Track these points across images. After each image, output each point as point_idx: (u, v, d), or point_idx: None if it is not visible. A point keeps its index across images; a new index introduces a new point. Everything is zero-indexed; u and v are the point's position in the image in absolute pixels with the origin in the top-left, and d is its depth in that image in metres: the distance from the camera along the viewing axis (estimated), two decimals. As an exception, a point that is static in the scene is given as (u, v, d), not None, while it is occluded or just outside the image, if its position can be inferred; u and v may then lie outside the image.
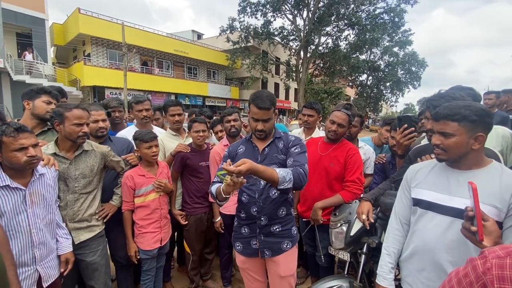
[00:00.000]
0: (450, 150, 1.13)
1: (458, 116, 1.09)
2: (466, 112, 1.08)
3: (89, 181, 1.79)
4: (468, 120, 1.08)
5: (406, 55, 29.98)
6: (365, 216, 1.68)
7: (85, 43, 18.37)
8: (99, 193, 1.88)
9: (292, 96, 32.41)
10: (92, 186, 1.81)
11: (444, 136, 1.13)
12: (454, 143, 1.11)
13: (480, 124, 1.08)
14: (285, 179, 1.38)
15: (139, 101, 2.50)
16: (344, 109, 2.06)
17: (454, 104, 1.13)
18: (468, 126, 1.08)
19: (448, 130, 1.11)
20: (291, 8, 22.16)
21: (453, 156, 1.14)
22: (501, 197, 1.05)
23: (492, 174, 1.11)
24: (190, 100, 22.93)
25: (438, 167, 1.25)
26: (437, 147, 1.17)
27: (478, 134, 1.08)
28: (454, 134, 1.10)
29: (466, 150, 1.11)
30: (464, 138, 1.09)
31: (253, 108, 1.55)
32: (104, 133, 2.08)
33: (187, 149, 2.33)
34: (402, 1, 21.17)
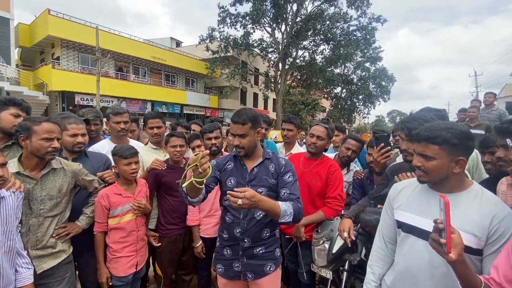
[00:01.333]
0: (431, 172, 1.11)
1: (439, 139, 1.07)
2: (447, 135, 1.06)
3: (57, 203, 1.63)
4: (449, 144, 1.06)
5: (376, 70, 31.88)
6: (347, 233, 1.71)
7: (54, 46, 17.36)
8: (66, 215, 1.72)
9: (270, 106, 32.89)
10: (59, 208, 1.65)
11: (425, 158, 1.11)
12: (434, 166, 1.09)
13: (461, 147, 1.07)
14: (286, 213, 1.37)
15: (118, 113, 2.36)
16: (322, 123, 2.18)
17: (436, 125, 1.11)
18: (449, 149, 1.06)
19: (429, 153, 1.09)
20: (270, 22, 22.77)
21: (434, 179, 1.13)
22: (481, 224, 1.04)
23: (472, 199, 1.10)
24: (168, 108, 22.38)
25: (419, 188, 1.24)
26: (418, 168, 1.15)
27: (459, 158, 1.07)
28: (435, 157, 1.08)
29: (447, 174, 1.09)
30: (445, 162, 1.07)
31: (231, 124, 1.57)
32: (81, 149, 1.93)
33: (163, 166, 2.19)
34: (373, 20, 22.66)
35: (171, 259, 2.26)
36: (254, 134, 1.57)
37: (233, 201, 1.22)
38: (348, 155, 2.47)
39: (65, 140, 1.86)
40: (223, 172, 1.63)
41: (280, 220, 1.37)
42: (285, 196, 1.50)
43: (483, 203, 1.08)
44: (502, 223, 1.02)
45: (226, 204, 1.59)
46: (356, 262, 1.74)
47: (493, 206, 1.06)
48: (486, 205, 1.07)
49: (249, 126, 1.53)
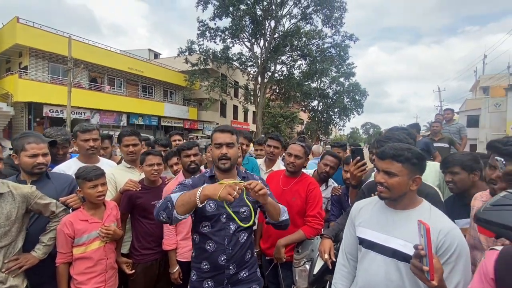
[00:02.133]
0: (393, 189, 1.20)
1: (402, 158, 1.19)
2: (409, 155, 1.18)
3: (5, 232, 1.45)
4: (410, 163, 1.18)
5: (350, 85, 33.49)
6: (327, 255, 1.69)
7: (22, 55, 16.42)
8: (19, 244, 1.54)
9: (250, 118, 33.13)
10: (9, 238, 1.47)
11: (388, 175, 1.21)
12: (397, 183, 1.19)
13: (419, 167, 1.20)
14: (284, 209, 1.45)
15: (87, 130, 2.19)
16: (298, 142, 2.20)
17: (398, 145, 1.24)
18: (409, 168, 1.18)
19: (393, 170, 1.19)
20: (249, 37, 23.30)
21: (394, 195, 1.22)
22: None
23: (422, 215, 1.19)
24: (144, 120, 21.73)
25: (378, 206, 1.34)
26: (380, 185, 1.24)
27: (416, 176, 1.20)
28: (398, 174, 1.19)
29: (405, 191, 1.21)
30: (405, 179, 1.19)
31: (216, 135, 1.52)
32: (42, 170, 1.75)
33: (137, 187, 2.06)
34: (346, 38, 24.02)
35: (145, 287, 2.11)
36: (238, 148, 1.57)
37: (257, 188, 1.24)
38: (326, 171, 2.52)
39: (24, 162, 1.69)
40: None
41: (281, 217, 1.43)
42: None
43: (431, 219, 1.17)
44: (447, 237, 1.11)
45: (206, 231, 1.48)
46: (337, 283, 1.72)
47: (440, 222, 1.16)
48: (435, 221, 1.16)
49: (235, 138, 1.54)
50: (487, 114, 19.85)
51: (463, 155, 1.80)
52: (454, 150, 4.60)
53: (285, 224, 1.52)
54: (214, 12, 21.84)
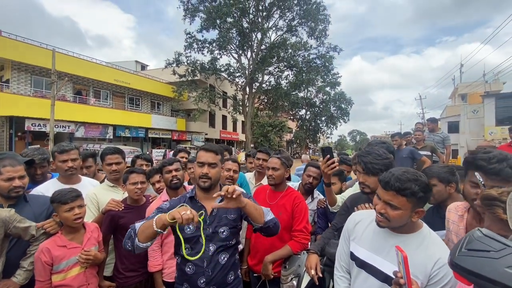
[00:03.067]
0: (393, 220, 1.14)
1: (408, 191, 1.09)
2: (416, 188, 1.09)
3: None
4: (416, 197, 1.10)
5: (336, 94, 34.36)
6: (314, 270, 1.70)
7: (4, 68, 15.99)
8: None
9: (239, 128, 33.20)
10: None
11: (390, 206, 1.13)
12: (398, 216, 1.12)
13: (423, 200, 1.12)
14: (268, 212, 1.40)
15: (64, 150, 2.11)
16: (274, 155, 2.26)
17: (405, 177, 1.12)
18: (414, 201, 1.11)
19: (396, 203, 1.11)
20: (236, 48, 23.67)
21: (393, 226, 1.18)
22: (425, 268, 1.09)
23: (420, 241, 1.16)
24: (131, 132, 21.37)
25: (374, 224, 1.28)
26: (380, 215, 1.17)
27: (419, 209, 1.13)
28: (401, 208, 1.11)
29: (406, 222, 1.15)
30: (408, 212, 1.12)
31: (200, 153, 1.53)
32: (19, 193, 1.70)
33: (120, 207, 2.02)
34: (330, 49, 24.79)
35: None
36: (220, 168, 1.57)
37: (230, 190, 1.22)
38: (310, 182, 2.54)
39: (0, 185, 1.64)
40: None
41: (266, 218, 1.38)
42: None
43: (429, 246, 1.14)
44: (443, 268, 1.07)
45: (187, 253, 1.45)
46: (324, 298, 1.73)
47: (438, 251, 1.12)
48: (432, 248, 1.13)
49: (219, 158, 1.54)
50: (466, 120, 20.72)
51: (440, 168, 1.85)
52: (436, 158, 4.76)
53: (273, 224, 1.42)
54: (202, 25, 22.16)
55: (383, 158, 1.66)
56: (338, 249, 1.48)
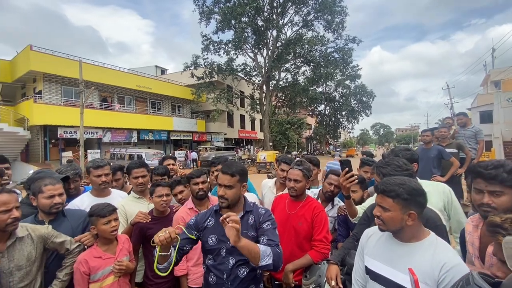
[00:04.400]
0: (387, 222, 1.23)
1: (392, 193, 1.21)
2: (400, 190, 1.19)
3: (27, 272, 1.56)
4: (401, 198, 1.19)
5: (356, 87, 33.40)
6: (334, 282, 1.71)
7: (36, 80, 17.23)
8: (38, 282, 1.64)
9: (258, 127, 33.29)
10: (29, 277, 1.57)
11: (382, 209, 1.24)
12: (389, 217, 1.21)
13: (412, 202, 1.19)
14: (265, 253, 1.37)
15: (99, 166, 2.30)
16: (296, 166, 2.21)
17: (391, 180, 1.26)
18: (401, 203, 1.19)
19: (385, 205, 1.23)
20: (252, 47, 23.72)
21: (391, 228, 1.24)
22: (432, 273, 1.11)
23: (427, 249, 1.19)
24: (154, 135, 22.21)
25: (385, 236, 1.34)
26: (377, 218, 1.27)
27: (410, 212, 1.19)
28: (390, 209, 1.21)
29: (401, 225, 1.21)
30: (398, 214, 1.20)
31: (219, 174, 1.60)
32: (59, 209, 1.87)
33: (147, 219, 2.14)
34: (349, 41, 24.06)
35: None
36: (240, 188, 1.60)
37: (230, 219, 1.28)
38: (331, 190, 2.52)
39: (42, 203, 1.80)
40: (204, 231, 1.61)
41: (261, 262, 1.36)
42: (264, 242, 1.49)
43: (436, 252, 1.16)
44: (450, 272, 1.09)
45: (209, 264, 1.57)
46: (345, 308, 1.73)
47: (445, 255, 1.14)
48: (439, 254, 1.15)
49: (236, 179, 1.57)
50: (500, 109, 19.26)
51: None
52: (463, 155, 4.50)
53: (270, 269, 1.42)
54: (217, 26, 22.43)
55: (402, 170, 1.63)
56: (354, 264, 1.51)
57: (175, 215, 2.22)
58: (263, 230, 1.55)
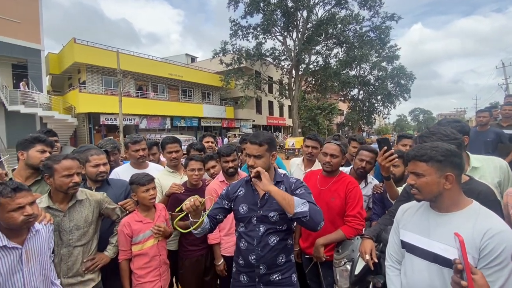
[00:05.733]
0: (423, 189, 1.17)
1: (425, 157, 1.16)
2: (433, 153, 1.14)
3: (84, 232, 1.74)
4: (435, 160, 1.14)
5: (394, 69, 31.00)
6: (368, 256, 1.65)
7: (80, 71, 18.63)
8: (94, 244, 1.82)
9: (286, 113, 32.86)
10: (87, 237, 1.75)
11: (416, 175, 1.19)
12: (425, 183, 1.16)
13: (447, 164, 1.13)
14: (299, 201, 1.38)
15: (136, 141, 2.48)
16: (333, 140, 2.14)
17: (423, 146, 1.21)
18: (436, 166, 1.14)
19: (418, 170, 1.17)
20: (281, 30, 23.04)
21: (427, 196, 1.18)
22: (473, 242, 1.05)
23: (468, 217, 1.12)
24: (186, 121, 23.04)
25: (422, 208, 1.29)
26: (412, 186, 1.21)
27: (447, 174, 1.12)
28: (424, 174, 1.16)
29: (439, 190, 1.15)
30: (434, 178, 1.14)
31: (247, 145, 1.61)
32: (104, 177, 2.06)
33: (181, 190, 2.25)
34: (387, 18, 22.20)
35: (193, 280, 2.30)
36: (269, 157, 1.59)
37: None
38: (363, 167, 2.39)
39: (89, 171, 1.99)
40: (235, 200, 1.66)
41: (296, 209, 1.34)
42: None
43: (478, 220, 1.10)
44: (494, 239, 1.02)
45: (241, 231, 1.62)
46: (380, 284, 1.67)
47: (488, 222, 1.08)
48: (481, 222, 1.09)
49: (265, 148, 1.56)
50: None
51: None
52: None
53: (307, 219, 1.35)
54: (245, 10, 22.06)
55: (450, 139, 1.47)
56: (389, 239, 1.47)
57: (208, 187, 2.31)
58: (298, 195, 1.52)
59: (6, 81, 15.16)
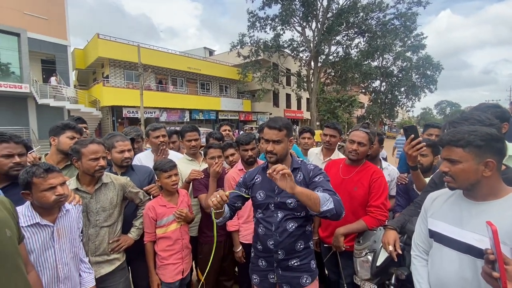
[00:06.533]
0: (458, 177, 1.09)
1: (462, 142, 1.06)
2: (471, 138, 1.05)
3: (109, 214, 1.82)
4: (473, 146, 1.04)
5: (420, 59, 29.41)
6: (392, 247, 1.60)
7: (103, 66, 19.34)
8: (119, 225, 1.90)
9: (304, 106, 32.36)
10: (112, 219, 1.84)
11: (450, 162, 1.10)
12: (461, 170, 1.07)
13: (487, 149, 1.03)
14: (325, 199, 1.33)
15: (156, 128, 2.57)
16: (362, 128, 2.04)
17: (459, 130, 1.11)
18: (474, 151, 1.04)
19: (454, 157, 1.09)
20: (300, 20, 22.46)
21: (463, 184, 1.10)
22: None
23: (507, 207, 1.03)
24: (204, 115, 23.36)
25: (454, 197, 1.20)
26: (446, 174, 1.13)
27: (487, 160, 1.03)
28: (460, 161, 1.07)
29: (476, 178, 1.06)
30: (471, 165, 1.05)
31: (265, 130, 1.58)
32: (129, 163, 2.14)
33: (201, 175, 2.30)
34: (413, 4, 20.94)
35: (212, 265, 2.34)
36: (287, 142, 1.58)
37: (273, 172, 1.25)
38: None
39: (114, 157, 2.07)
40: (252, 187, 1.66)
41: (322, 207, 1.30)
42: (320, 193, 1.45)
43: None
44: None
45: (258, 217, 1.63)
46: (404, 276, 1.61)
47: None
48: None
49: (284, 133, 1.54)
50: None
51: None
52: None
53: (332, 214, 1.33)
54: (263, 1, 21.66)
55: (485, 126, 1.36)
56: (415, 228, 1.40)
57: (226, 175, 2.34)
58: (316, 183, 1.50)
59: (37, 76, 16.05)
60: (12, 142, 1.62)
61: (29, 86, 14.67)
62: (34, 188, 1.36)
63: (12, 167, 1.59)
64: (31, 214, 1.38)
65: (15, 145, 1.63)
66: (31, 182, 1.35)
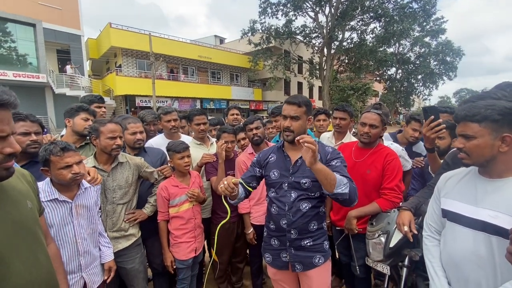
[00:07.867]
0: (473, 153, 1.06)
1: (478, 117, 1.02)
2: (487, 112, 1.01)
3: (125, 192, 1.88)
4: (490, 120, 1.00)
5: (439, 44, 28.09)
6: (407, 227, 1.57)
7: (116, 55, 19.54)
8: (134, 203, 1.97)
9: (316, 94, 31.78)
10: (128, 197, 1.90)
11: (465, 138, 1.07)
12: (476, 146, 1.04)
13: (505, 123, 0.99)
14: (342, 182, 1.32)
15: (168, 112, 2.59)
16: (373, 109, 1.97)
17: (475, 104, 1.06)
18: (490, 126, 1.01)
19: (469, 132, 1.06)
20: (313, 5, 21.75)
21: (478, 160, 1.07)
22: None
23: None
24: (215, 104, 23.39)
25: (469, 176, 1.17)
26: (460, 150, 1.11)
27: (504, 135, 0.99)
28: (475, 136, 1.04)
29: (492, 154, 1.03)
30: (487, 140, 1.02)
31: (284, 106, 1.55)
32: (141, 145, 2.17)
33: (213, 159, 2.32)
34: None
35: (225, 246, 2.40)
36: (305, 121, 1.54)
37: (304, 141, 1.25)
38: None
39: (127, 138, 2.11)
40: (266, 166, 1.64)
41: (336, 189, 1.29)
42: None
43: None
44: None
45: (271, 196, 1.62)
46: (417, 258, 1.59)
47: None
48: None
49: (303, 110, 1.51)
50: None
51: None
52: None
53: (344, 199, 1.34)
54: (275, -14, 21.05)
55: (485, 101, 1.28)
56: (428, 209, 1.38)
57: (237, 159, 2.35)
58: (333, 167, 1.46)
59: (53, 66, 16.46)
60: (28, 121, 1.67)
61: (46, 76, 15.08)
62: (51, 166, 1.41)
63: (29, 145, 1.65)
64: (50, 190, 1.44)
65: (31, 123, 1.69)
66: (49, 160, 1.39)
